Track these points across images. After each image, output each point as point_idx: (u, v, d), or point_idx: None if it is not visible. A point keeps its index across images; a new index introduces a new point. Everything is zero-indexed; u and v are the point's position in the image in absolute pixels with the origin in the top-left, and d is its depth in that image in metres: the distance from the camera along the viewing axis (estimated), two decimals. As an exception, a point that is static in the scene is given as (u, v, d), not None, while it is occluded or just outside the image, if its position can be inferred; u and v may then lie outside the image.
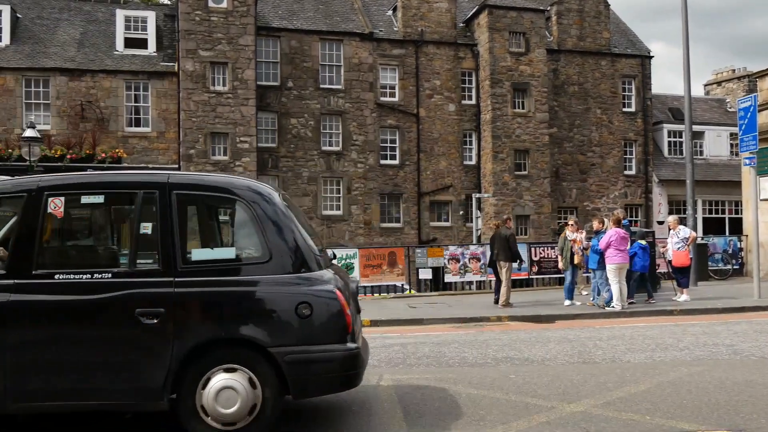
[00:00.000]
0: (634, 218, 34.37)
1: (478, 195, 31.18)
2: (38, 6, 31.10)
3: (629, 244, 15.79)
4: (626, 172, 35.06)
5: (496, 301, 17.08)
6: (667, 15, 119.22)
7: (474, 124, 32.99)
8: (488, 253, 22.37)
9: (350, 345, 5.60)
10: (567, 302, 16.78)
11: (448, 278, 22.55)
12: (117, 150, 27.63)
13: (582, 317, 14.82)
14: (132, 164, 27.89)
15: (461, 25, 33.52)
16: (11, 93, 27.74)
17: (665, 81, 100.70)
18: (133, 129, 28.75)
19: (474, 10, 33.26)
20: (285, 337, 5.44)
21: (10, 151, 26.59)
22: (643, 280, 16.99)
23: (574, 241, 16.76)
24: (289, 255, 5.61)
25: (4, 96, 27.65)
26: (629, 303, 16.14)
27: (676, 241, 17.08)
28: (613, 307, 15.23)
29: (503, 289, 16.73)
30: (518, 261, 17.57)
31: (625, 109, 35.15)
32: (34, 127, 21.26)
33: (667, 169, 35.71)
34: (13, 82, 27.77)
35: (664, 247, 18.71)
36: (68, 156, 26.89)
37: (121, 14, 29.92)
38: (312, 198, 30.71)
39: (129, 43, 29.58)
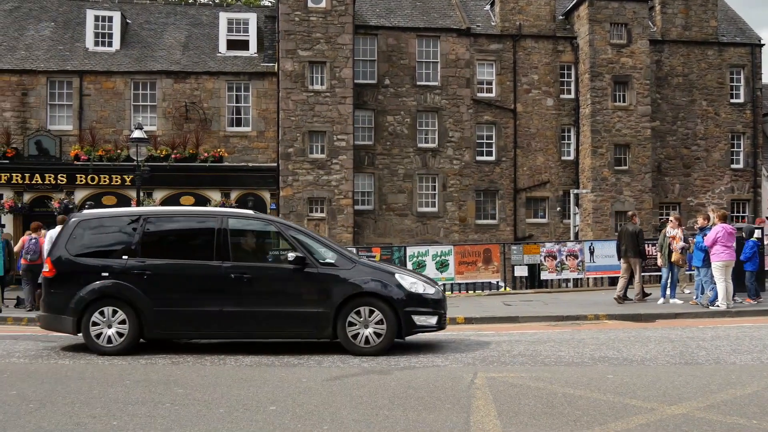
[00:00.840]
0: (741, 214, 33.03)
1: (576, 191, 30.64)
2: (146, 11, 32.42)
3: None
4: (733, 166, 33.66)
5: (620, 298, 16.88)
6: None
7: (572, 118, 32.38)
8: (586, 251, 22.20)
9: None
10: (661, 300, 16.42)
11: (544, 276, 22.31)
12: (219, 149, 28.57)
13: (684, 316, 14.41)
14: (233, 163, 28.76)
15: (560, 17, 32.92)
16: (120, 96, 29.02)
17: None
18: (234, 129, 29.58)
19: (574, 1, 32.59)
20: None
21: (119, 151, 27.89)
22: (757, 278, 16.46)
23: (673, 237, 16.31)
24: None
25: (113, 99, 28.97)
26: (758, 302, 15.73)
27: (786, 238, 16.39)
28: (717, 306, 14.73)
29: (636, 285, 16.94)
30: (643, 257, 17.53)
31: (732, 101, 33.73)
32: (141, 128, 22.17)
33: (778, 163, 34.17)
34: (122, 85, 29.06)
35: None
36: (173, 156, 28.00)
37: (224, 17, 30.82)
38: (407, 195, 30.85)
39: (231, 44, 30.44)
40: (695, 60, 33.34)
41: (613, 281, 22.82)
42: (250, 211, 11.11)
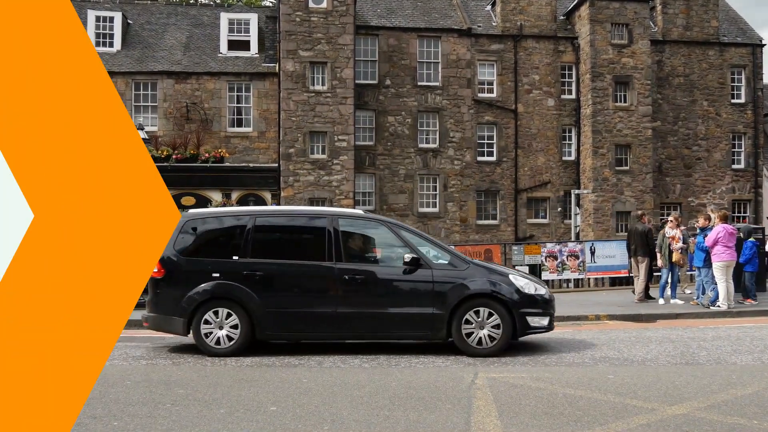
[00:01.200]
0: (742, 214, 33.04)
1: (576, 191, 30.61)
2: (147, 12, 32.45)
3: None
4: (734, 167, 33.66)
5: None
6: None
7: (573, 118, 32.37)
8: (587, 251, 22.13)
9: None
10: (661, 301, 16.39)
11: (545, 276, 22.28)
12: (220, 150, 28.56)
13: (685, 317, 14.39)
14: (234, 164, 28.77)
15: (561, 17, 32.92)
16: (121, 96, 28.96)
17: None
18: (235, 129, 29.60)
19: (575, 2, 32.59)
20: None
21: (121, 151, 27.85)
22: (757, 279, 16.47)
23: (673, 237, 16.30)
24: None
25: (115, 99, 28.92)
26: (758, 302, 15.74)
27: (787, 239, 16.39)
28: (718, 306, 14.72)
29: (640, 284, 16.95)
30: (653, 257, 17.52)
31: (733, 101, 33.72)
32: (142, 129, 22.18)
33: (779, 163, 34.16)
34: (123, 85, 29.08)
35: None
36: (174, 156, 27.98)
37: (225, 17, 30.83)
38: (408, 195, 30.86)
39: (232, 45, 30.46)
40: (696, 60, 33.32)
41: (614, 282, 22.86)
42: (360, 211, 11.09)
